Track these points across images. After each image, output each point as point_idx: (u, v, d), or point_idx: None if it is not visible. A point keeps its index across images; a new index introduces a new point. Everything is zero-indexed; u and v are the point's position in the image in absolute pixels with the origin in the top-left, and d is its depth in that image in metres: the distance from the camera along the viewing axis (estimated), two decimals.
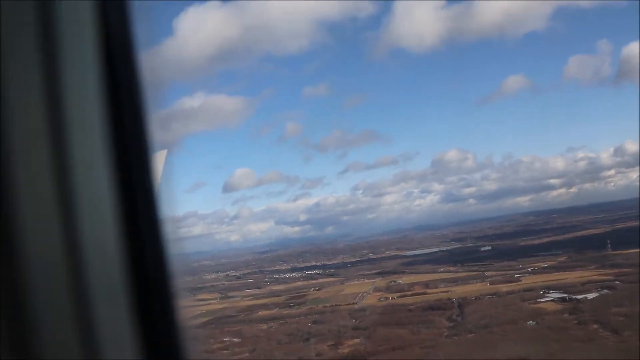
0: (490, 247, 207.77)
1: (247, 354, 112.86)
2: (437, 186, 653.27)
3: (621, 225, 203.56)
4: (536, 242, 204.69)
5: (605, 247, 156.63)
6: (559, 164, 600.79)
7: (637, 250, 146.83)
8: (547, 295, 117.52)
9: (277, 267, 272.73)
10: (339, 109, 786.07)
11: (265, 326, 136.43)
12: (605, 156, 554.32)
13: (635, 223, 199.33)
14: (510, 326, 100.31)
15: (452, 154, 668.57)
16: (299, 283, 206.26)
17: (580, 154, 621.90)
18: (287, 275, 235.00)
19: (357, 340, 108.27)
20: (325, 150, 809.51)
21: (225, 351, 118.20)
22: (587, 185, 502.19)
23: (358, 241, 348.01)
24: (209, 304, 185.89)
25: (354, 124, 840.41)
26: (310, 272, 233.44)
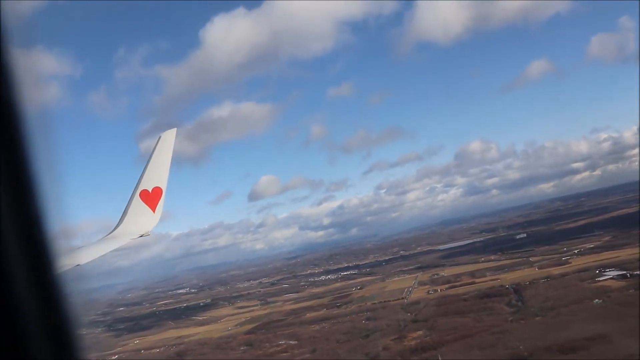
0: (525, 235, 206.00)
1: (308, 355, 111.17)
2: (460, 179, 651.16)
3: None
4: (571, 225, 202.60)
5: None
6: (583, 146, 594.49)
7: None
8: (605, 273, 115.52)
9: (309, 271, 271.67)
10: (363, 108, 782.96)
11: (317, 327, 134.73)
12: (629, 135, 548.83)
13: None
14: (576, 306, 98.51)
15: (475, 145, 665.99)
16: (338, 284, 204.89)
17: (604, 135, 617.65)
18: (323, 277, 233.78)
19: (420, 332, 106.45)
20: (350, 151, 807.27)
21: (284, 354, 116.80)
22: (611, 167, 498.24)
23: (385, 240, 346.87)
24: (252, 310, 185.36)
25: (378, 122, 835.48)
26: (345, 272, 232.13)
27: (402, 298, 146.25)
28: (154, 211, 19.00)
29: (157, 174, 19.27)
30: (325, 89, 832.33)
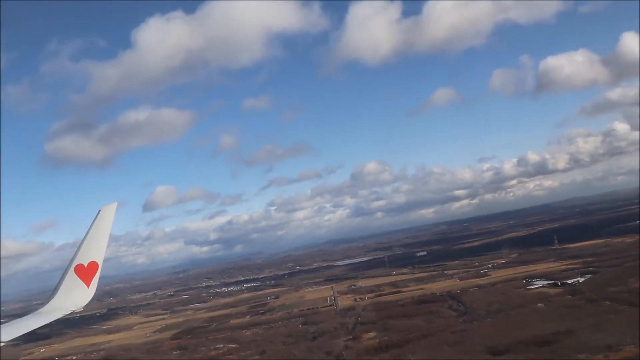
0: (425, 252, 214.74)
1: (257, 357, 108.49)
2: (349, 200, 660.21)
3: (542, 228, 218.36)
4: (468, 245, 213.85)
5: (550, 243, 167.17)
6: (467, 175, 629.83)
7: (586, 243, 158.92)
8: (534, 283, 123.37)
9: (204, 284, 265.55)
10: (276, 122, 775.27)
11: (249, 332, 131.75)
12: (509, 167, 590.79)
13: (555, 225, 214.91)
14: (522, 309, 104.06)
15: (370, 167, 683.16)
16: (245, 295, 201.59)
17: (487, 165, 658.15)
18: (224, 289, 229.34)
19: (372, 333, 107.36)
20: (254, 165, 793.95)
21: (230, 356, 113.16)
22: (488, 196, 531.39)
23: (274, 257, 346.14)
24: (163, 318, 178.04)
25: (287, 137, 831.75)
26: (247, 285, 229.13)
27: (330, 305, 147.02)
28: (88, 286, 18.14)
29: (94, 248, 18.31)
30: (245, 99, 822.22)
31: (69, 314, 17.55)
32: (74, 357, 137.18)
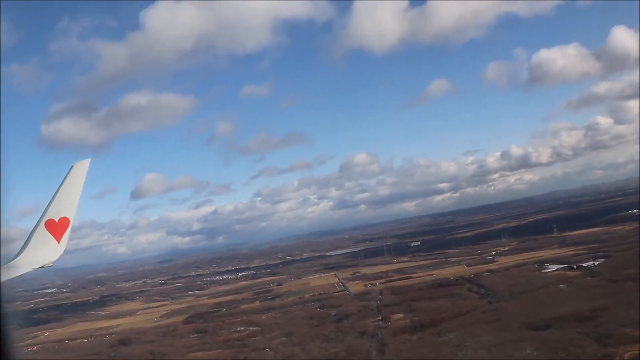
0: (419, 242, 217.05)
1: (283, 338, 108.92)
2: (334, 192, 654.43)
3: (531, 219, 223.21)
4: (461, 235, 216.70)
5: (548, 232, 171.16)
6: (452, 167, 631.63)
7: (585, 231, 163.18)
8: (548, 267, 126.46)
9: (195, 273, 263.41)
10: (273, 110, 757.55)
11: (265, 316, 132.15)
12: (492, 160, 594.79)
13: (544, 216, 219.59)
14: (546, 290, 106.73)
15: (360, 158, 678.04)
16: (243, 283, 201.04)
17: (471, 158, 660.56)
18: (218, 277, 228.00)
19: (400, 315, 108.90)
20: (246, 154, 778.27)
21: (255, 338, 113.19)
22: (470, 190, 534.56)
23: (258, 248, 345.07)
24: (165, 305, 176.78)
25: (282, 126, 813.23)
26: (242, 273, 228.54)
27: (342, 290, 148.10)
28: (58, 242, 17.89)
29: (66, 204, 18.06)
30: (246, 86, 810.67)
31: (38, 268, 17.15)
32: (85, 340, 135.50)
